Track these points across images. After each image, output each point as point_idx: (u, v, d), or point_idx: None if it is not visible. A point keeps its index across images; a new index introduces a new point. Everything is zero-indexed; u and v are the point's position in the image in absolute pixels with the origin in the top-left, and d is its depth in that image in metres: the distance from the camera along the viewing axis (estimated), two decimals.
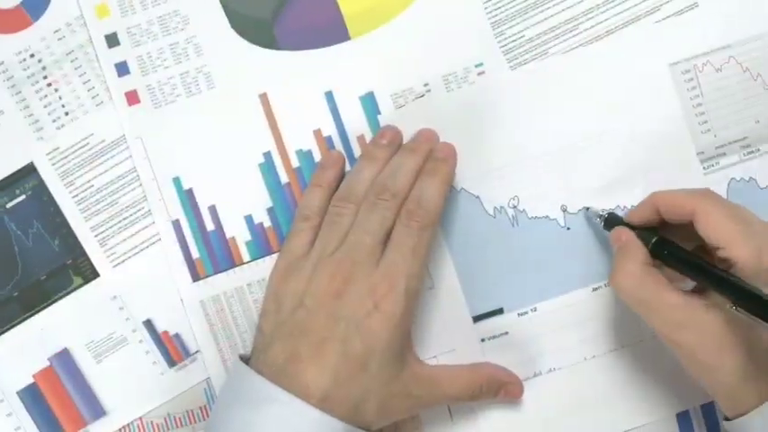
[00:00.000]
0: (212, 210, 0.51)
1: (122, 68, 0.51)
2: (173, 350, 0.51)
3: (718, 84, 0.51)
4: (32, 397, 0.51)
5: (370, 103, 0.51)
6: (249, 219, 0.51)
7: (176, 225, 0.51)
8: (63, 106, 0.51)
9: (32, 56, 0.51)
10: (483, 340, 0.51)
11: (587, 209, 0.50)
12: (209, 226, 0.51)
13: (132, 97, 0.51)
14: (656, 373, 0.51)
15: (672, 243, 0.45)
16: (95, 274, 0.51)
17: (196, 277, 0.51)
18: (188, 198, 0.51)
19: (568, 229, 0.51)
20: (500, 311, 0.51)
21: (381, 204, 0.47)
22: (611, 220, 0.49)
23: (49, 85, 0.51)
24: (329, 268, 0.47)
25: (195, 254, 0.51)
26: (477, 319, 0.51)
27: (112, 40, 0.51)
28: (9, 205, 0.51)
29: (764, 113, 0.51)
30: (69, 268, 0.51)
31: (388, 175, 0.49)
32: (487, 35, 0.51)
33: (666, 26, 0.51)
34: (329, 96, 0.51)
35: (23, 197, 0.51)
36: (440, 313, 0.51)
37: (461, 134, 0.51)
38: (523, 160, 0.51)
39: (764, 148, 0.51)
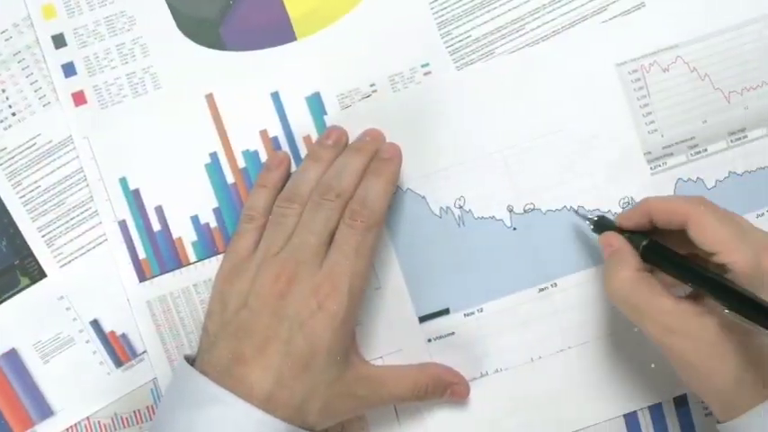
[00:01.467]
0: (159, 210, 0.51)
1: (69, 69, 0.51)
2: (120, 350, 0.52)
3: (666, 84, 0.51)
4: None
5: (316, 104, 0.51)
6: (195, 219, 0.51)
7: (123, 225, 0.51)
8: (10, 107, 0.51)
9: None
10: (429, 340, 0.51)
11: (576, 209, 0.50)
12: (156, 226, 0.51)
13: (79, 98, 0.51)
14: (603, 374, 0.51)
15: (663, 246, 0.45)
16: (42, 275, 0.51)
17: (143, 277, 0.51)
18: (134, 198, 0.51)
19: (515, 229, 0.51)
20: (446, 312, 0.51)
21: (326, 204, 0.48)
22: (601, 224, 0.48)
23: None
24: (273, 269, 0.47)
25: (142, 254, 0.51)
26: (423, 319, 0.51)
27: (59, 41, 0.51)
28: None
29: (712, 113, 0.51)
30: (16, 269, 0.51)
31: (332, 175, 0.49)
32: (434, 35, 0.51)
33: (613, 26, 0.51)
34: (275, 97, 0.51)
35: None
36: (386, 313, 0.51)
37: (408, 134, 0.51)
38: (470, 160, 0.51)
39: (712, 149, 0.51)
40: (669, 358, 0.44)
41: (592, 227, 0.49)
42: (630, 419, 0.52)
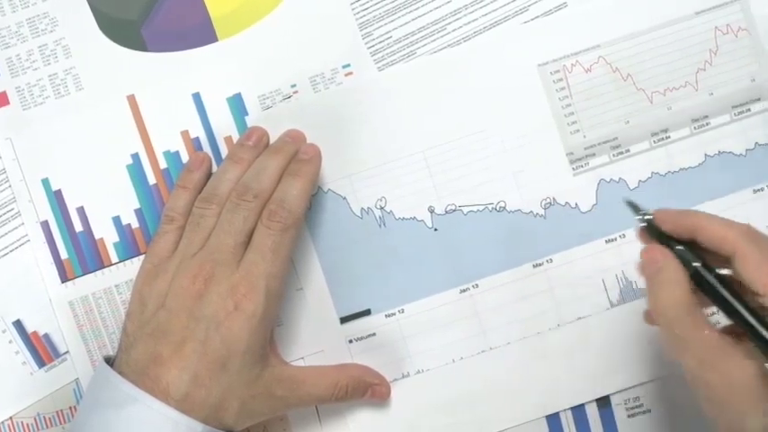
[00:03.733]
0: (81, 211, 0.51)
1: None
2: (42, 351, 0.52)
3: (588, 84, 0.51)
4: None
5: (237, 105, 0.51)
6: (117, 220, 0.51)
7: (45, 226, 0.51)
8: None
9: None
10: (351, 341, 0.51)
11: (629, 201, 0.44)
12: (78, 227, 0.51)
13: (1, 99, 0.51)
14: (524, 375, 0.51)
15: (714, 273, 0.41)
16: None
17: (65, 278, 0.51)
18: (57, 199, 0.51)
19: (436, 230, 0.51)
20: (367, 312, 0.51)
21: (244, 205, 0.48)
22: (654, 229, 0.43)
23: None
24: (191, 269, 0.47)
25: (64, 255, 0.51)
26: (344, 320, 0.51)
27: None
28: None
29: (635, 114, 0.51)
30: None
31: (251, 176, 0.49)
32: (355, 36, 0.51)
33: (535, 27, 0.51)
34: (197, 98, 0.51)
35: None
36: (308, 314, 0.51)
37: (329, 135, 0.51)
38: (391, 161, 0.51)
39: (634, 149, 0.51)
40: (701, 392, 0.41)
41: (642, 225, 0.43)
42: (552, 421, 0.51)
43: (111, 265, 0.51)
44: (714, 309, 0.41)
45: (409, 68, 0.51)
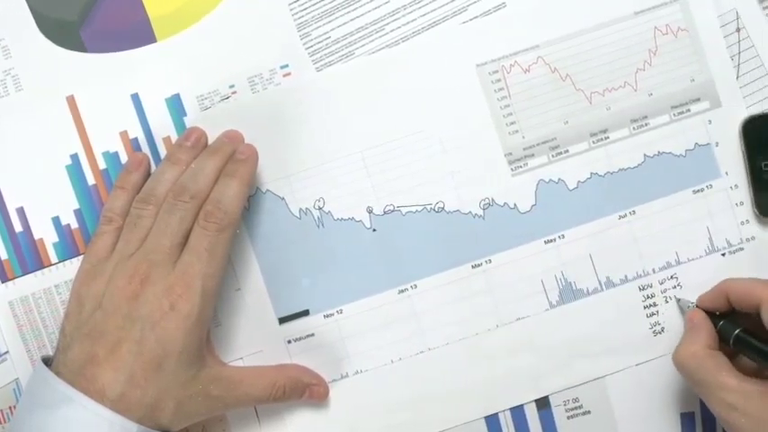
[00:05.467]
0: (20, 211, 0.52)
1: None
2: None
3: (527, 84, 0.51)
4: None
5: (176, 105, 0.51)
6: (57, 220, 0.52)
7: None
8: None
9: None
10: (289, 342, 0.51)
11: (678, 299, 0.51)
12: (18, 227, 0.51)
13: None
14: (463, 376, 0.51)
15: (741, 327, 0.46)
16: None
17: (4, 278, 0.52)
18: None
19: (374, 230, 0.51)
20: (306, 313, 0.51)
21: (180, 206, 0.48)
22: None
23: None
24: (127, 270, 0.47)
25: (3, 255, 0.52)
26: (283, 320, 0.51)
27: None
28: None
29: (573, 114, 0.51)
30: None
31: (188, 176, 0.49)
32: (293, 37, 0.51)
33: (473, 27, 0.51)
34: (135, 98, 0.51)
35: None
36: (246, 315, 0.51)
37: (267, 135, 0.51)
38: (329, 162, 0.51)
39: (573, 150, 0.51)
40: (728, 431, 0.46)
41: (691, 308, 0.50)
42: (491, 422, 0.51)
43: (51, 265, 0.52)
44: None
45: (348, 69, 0.51)
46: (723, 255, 0.51)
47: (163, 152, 0.51)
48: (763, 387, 0.44)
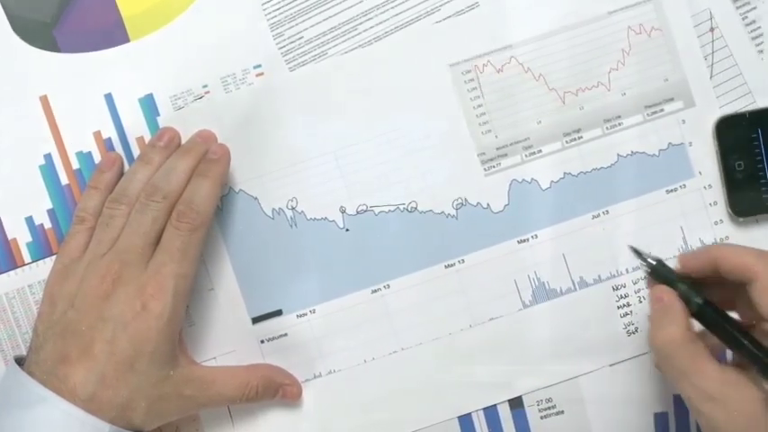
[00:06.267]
0: None
1: None
2: None
3: (500, 84, 0.51)
4: None
5: (149, 105, 0.51)
6: (30, 220, 0.52)
7: None
8: None
9: None
10: (262, 342, 0.51)
11: (635, 248, 0.46)
12: None
13: None
14: (436, 376, 0.51)
15: (716, 309, 0.43)
16: None
17: None
18: None
19: (347, 230, 0.51)
20: (279, 313, 0.51)
21: (152, 206, 0.48)
22: (658, 272, 0.45)
23: None
24: (99, 270, 0.47)
25: None
26: (256, 320, 0.51)
27: None
28: None
29: (546, 114, 0.51)
30: None
31: (161, 176, 0.49)
32: (266, 36, 0.51)
33: (446, 26, 0.51)
34: (109, 98, 0.51)
35: None
36: (219, 314, 0.51)
37: (240, 135, 0.51)
38: (302, 161, 0.51)
39: (546, 149, 0.51)
40: (702, 426, 0.42)
41: (648, 270, 0.45)
42: (465, 421, 0.51)
43: (24, 265, 0.52)
44: None
45: (320, 69, 0.51)
46: None
47: (136, 152, 0.51)
48: (743, 377, 0.41)
